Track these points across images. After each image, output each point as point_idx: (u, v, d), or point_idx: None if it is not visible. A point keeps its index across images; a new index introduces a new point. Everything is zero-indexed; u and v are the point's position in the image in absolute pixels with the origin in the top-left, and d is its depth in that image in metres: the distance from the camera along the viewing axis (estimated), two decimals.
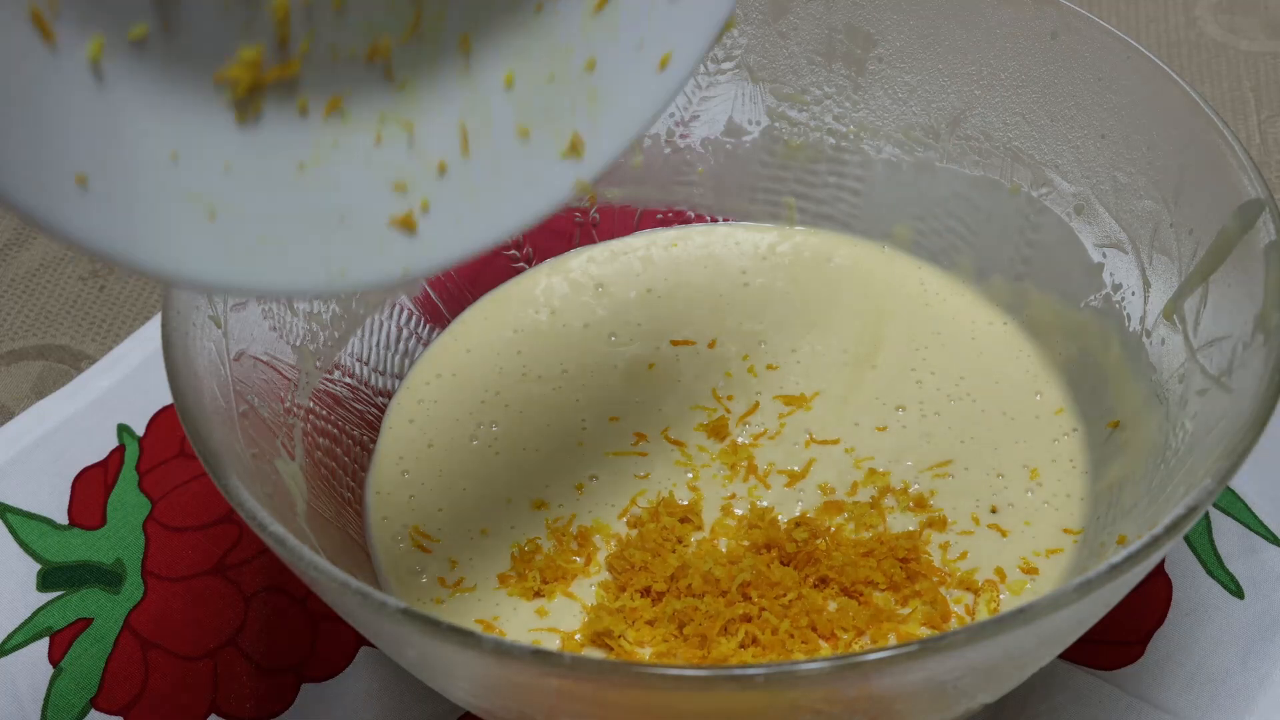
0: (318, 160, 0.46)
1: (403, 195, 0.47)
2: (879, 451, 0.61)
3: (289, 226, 0.45)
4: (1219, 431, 0.51)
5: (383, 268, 0.47)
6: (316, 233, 0.46)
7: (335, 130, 0.46)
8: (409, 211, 0.47)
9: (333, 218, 0.46)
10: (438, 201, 0.48)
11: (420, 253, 0.47)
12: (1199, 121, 0.57)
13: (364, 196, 0.46)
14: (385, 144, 0.47)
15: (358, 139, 0.46)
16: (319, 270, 0.46)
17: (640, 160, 0.70)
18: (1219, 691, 0.58)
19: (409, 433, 0.63)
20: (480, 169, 0.48)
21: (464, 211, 0.48)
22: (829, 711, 0.46)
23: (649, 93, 0.51)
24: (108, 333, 0.73)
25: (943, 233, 0.68)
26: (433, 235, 0.48)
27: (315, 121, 0.46)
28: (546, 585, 0.57)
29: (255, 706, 0.59)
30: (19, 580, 0.63)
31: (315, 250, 0.45)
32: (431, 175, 0.48)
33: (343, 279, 0.46)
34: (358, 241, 0.46)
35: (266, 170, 0.45)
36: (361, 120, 0.46)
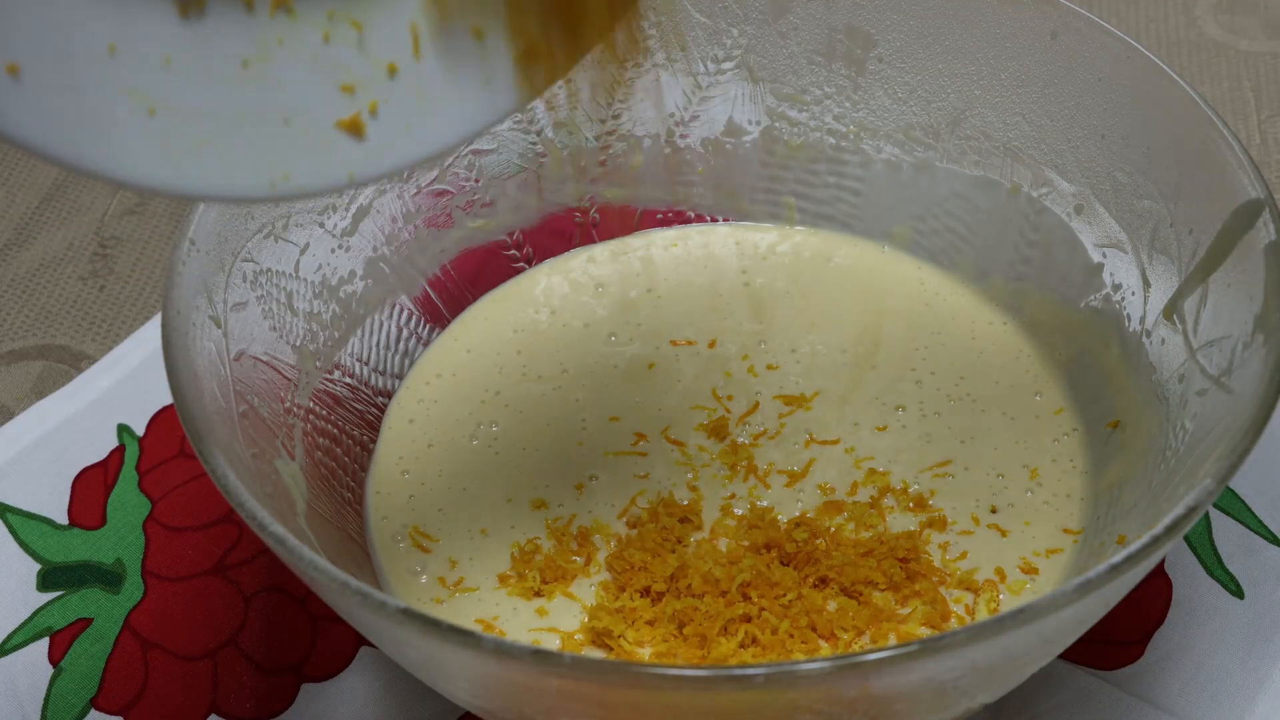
0: (263, 57, 0.44)
1: (350, 97, 0.46)
2: (879, 451, 0.61)
3: (230, 127, 0.44)
4: (1219, 431, 0.51)
5: (328, 173, 0.46)
6: (259, 134, 0.44)
7: (281, 27, 0.45)
8: (356, 114, 0.46)
9: (277, 119, 0.45)
10: (386, 105, 0.46)
11: (367, 158, 0.46)
12: (1199, 121, 0.57)
13: (310, 97, 0.45)
14: (333, 43, 0.45)
15: (305, 36, 0.45)
16: (261, 174, 0.44)
17: (640, 160, 0.70)
18: (1219, 691, 0.58)
19: (409, 433, 0.63)
20: (431, 72, 0.47)
21: (413, 116, 0.47)
22: (829, 711, 0.46)
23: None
24: (108, 333, 0.73)
25: (943, 233, 0.68)
26: (381, 140, 0.46)
27: (261, 17, 0.44)
28: (546, 585, 0.57)
29: (255, 706, 0.59)
30: (19, 580, 0.63)
31: (258, 153, 0.44)
32: (381, 77, 0.46)
33: (285, 183, 0.45)
34: (302, 144, 0.45)
35: (209, 66, 0.43)
36: (309, 17, 0.45)
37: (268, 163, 0.45)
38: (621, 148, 0.69)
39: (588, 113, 0.68)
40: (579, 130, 0.69)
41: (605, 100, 0.68)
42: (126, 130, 0.42)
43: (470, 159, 0.67)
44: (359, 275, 0.64)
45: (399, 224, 0.65)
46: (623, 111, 0.69)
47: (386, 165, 0.47)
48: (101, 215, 0.79)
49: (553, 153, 0.69)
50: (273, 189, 0.45)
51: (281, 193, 0.45)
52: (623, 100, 0.68)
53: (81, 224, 0.78)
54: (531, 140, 0.68)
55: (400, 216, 0.65)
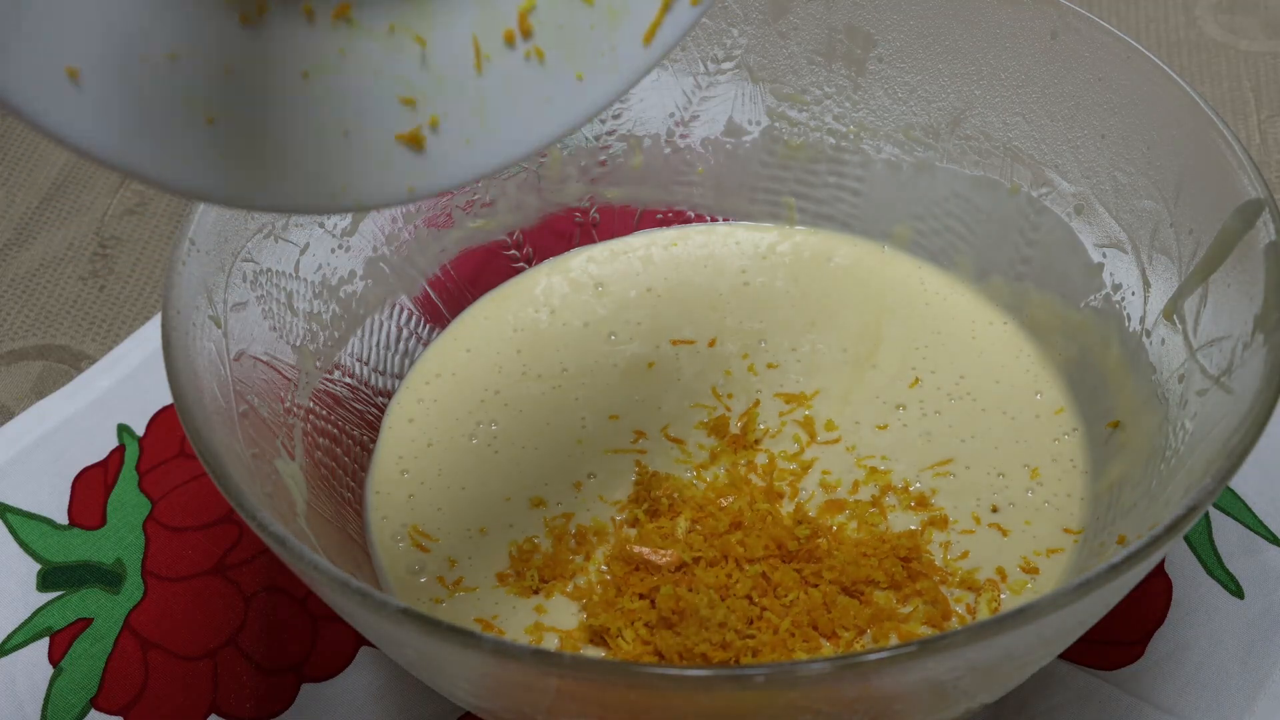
0: (324, 69, 0.44)
1: (411, 111, 0.45)
2: (880, 450, 0.61)
3: (289, 137, 0.43)
4: (1219, 431, 0.51)
5: (387, 186, 0.45)
6: (319, 146, 0.44)
7: (343, 38, 0.44)
8: (417, 128, 0.45)
9: (336, 130, 0.44)
10: (447, 119, 0.46)
11: (427, 171, 0.46)
12: (1199, 121, 0.57)
13: (370, 110, 0.45)
14: (395, 56, 0.45)
15: (366, 48, 0.45)
16: (319, 185, 0.44)
17: (640, 160, 0.70)
18: (1219, 691, 0.58)
19: (409, 432, 0.63)
20: (492, 87, 0.47)
21: (474, 131, 0.46)
22: (829, 711, 0.46)
23: (672, 19, 0.49)
24: (108, 333, 0.73)
25: (943, 233, 0.68)
26: (441, 154, 0.46)
27: (322, 27, 0.44)
28: (545, 584, 0.57)
29: (255, 706, 0.59)
30: (19, 580, 0.63)
31: (316, 165, 0.44)
32: (442, 91, 0.46)
33: (344, 195, 0.44)
34: (362, 157, 0.45)
35: (269, 76, 0.43)
36: (371, 29, 0.45)
37: (326, 175, 0.44)
38: (621, 148, 0.69)
39: None
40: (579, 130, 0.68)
41: None
42: (184, 139, 0.41)
43: None
44: (359, 275, 0.64)
45: (399, 224, 0.65)
46: (623, 111, 0.69)
47: (446, 180, 0.46)
48: (101, 215, 0.79)
49: (552, 153, 0.69)
50: (332, 201, 0.44)
51: (340, 205, 0.45)
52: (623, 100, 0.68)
53: (81, 224, 0.78)
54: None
55: (400, 216, 0.65)
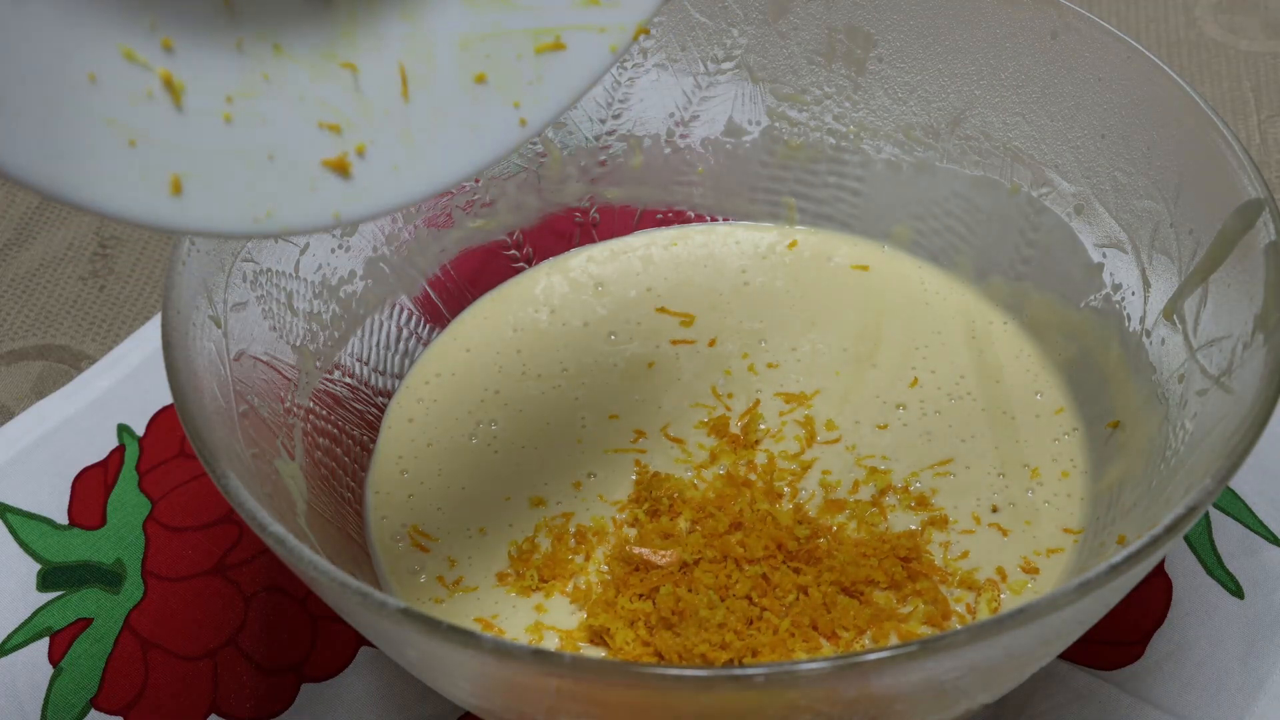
0: (247, 93, 0.44)
1: (337, 137, 0.45)
2: (880, 450, 0.61)
3: (213, 161, 0.43)
4: (1219, 431, 0.51)
5: (312, 211, 0.45)
6: (242, 170, 0.44)
7: (268, 64, 0.44)
8: (343, 154, 0.45)
9: (261, 155, 0.44)
10: (374, 146, 0.46)
11: (354, 198, 0.46)
12: (1199, 121, 0.57)
13: (295, 135, 0.45)
14: (321, 83, 0.45)
15: (292, 74, 0.45)
16: (244, 209, 0.44)
17: (640, 160, 0.70)
18: (1219, 691, 0.58)
19: (409, 432, 0.63)
20: (420, 115, 0.47)
21: (401, 158, 0.46)
22: (829, 712, 0.46)
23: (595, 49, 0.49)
24: (108, 333, 0.73)
25: (943, 233, 0.68)
26: (368, 181, 0.46)
27: (249, 54, 0.44)
28: (545, 583, 0.57)
29: (255, 706, 0.59)
30: (19, 580, 0.63)
31: (240, 188, 0.44)
32: (369, 118, 0.46)
33: (269, 220, 0.44)
34: (286, 182, 0.45)
35: (191, 100, 0.43)
36: (299, 56, 0.45)
37: (251, 198, 0.44)
38: (621, 148, 0.69)
39: (588, 113, 0.68)
40: (579, 130, 0.69)
41: None
42: (106, 160, 0.41)
43: None
44: (359, 275, 0.64)
45: (399, 224, 0.65)
46: (623, 111, 0.69)
47: (372, 207, 0.46)
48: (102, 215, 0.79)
49: (553, 153, 0.69)
50: (256, 225, 0.44)
51: (265, 229, 0.44)
52: (623, 100, 0.68)
53: (81, 224, 0.78)
54: (532, 140, 0.68)
55: (400, 216, 0.65)
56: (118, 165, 0.41)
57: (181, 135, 0.43)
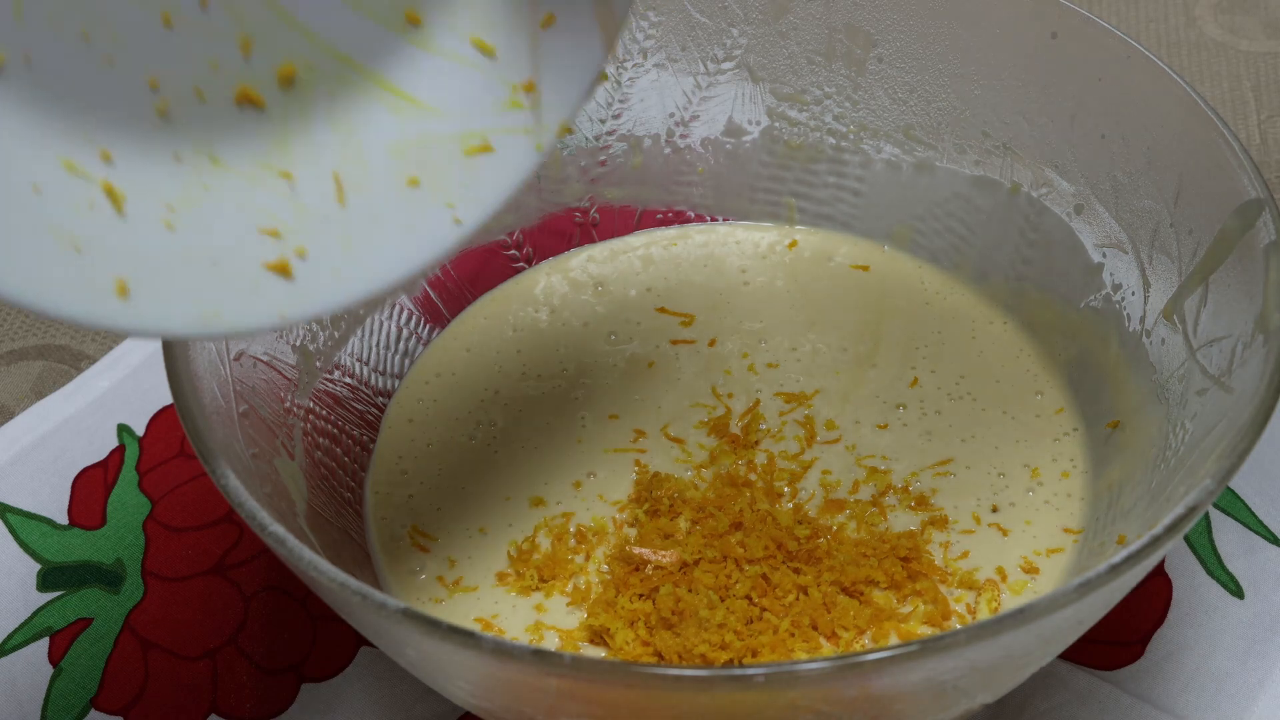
0: (188, 202, 0.45)
1: (277, 241, 0.47)
2: (880, 450, 0.61)
3: (157, 266, 0.44)
4: (1219, 431, 0.51)
5: (258, 312, 0.46)
6: (187, 274, 0.45)
7: (206, 175, 0.46)
8: (283, 258, 0.47)
9: (204, 259, 0.45)
10: (314, 249, 0.47)
11: (297, 299, 0.47)
12: (1199, 121, 0.57)
13: (236, 240, 0.46)
14: (258, 190, 0.47)
15: (230, 183, 0.46)
16: (191, 311, 0.45)
17: (640, 160, 0.70)
18: (1219, 691, 0.58)
19: (409, 432, 0.63)
20: (356, 219, 0.48)
21: (340, 261, 0.48)
22: (829, 711, 0.46)
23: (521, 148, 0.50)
24: (108, 333, 0.73)
25: (943, 233, 0.68)
26: (310, 282, 0.47)
27: (188, 166, 0.45)
28: (545, 583, 0.57)
29: (255, 706, 0.59)
30: (19, 580, 0.63)
31: (186, 291, 0.45)
32: (306, 223, 0.47)
33: (217, 321, 0.45)
34: (231, 285, 0.46)
35: (133, 207, 0.44)
36: (236, 167, 0.46)
37: (197, 300, 0.45)
38: (621, 148, 0.69)
39: (588, 113, 0.68)
40: (579, 130, 0.69)
41: None
42: (51, 265, 0.42)
43: None
44: None
45: None
46: (623, 111, 0.69)
47: (316, 307, 0.47)
48: None
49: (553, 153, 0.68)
50: (204, 326, 0.45)
51: (212, 330, 0.45)
52: (623, 100, 0.68)
53: None
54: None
55: None
56: (63, 271, 0.42)
57: (125, 241, 0.44)
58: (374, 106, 0.49)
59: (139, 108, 0.45)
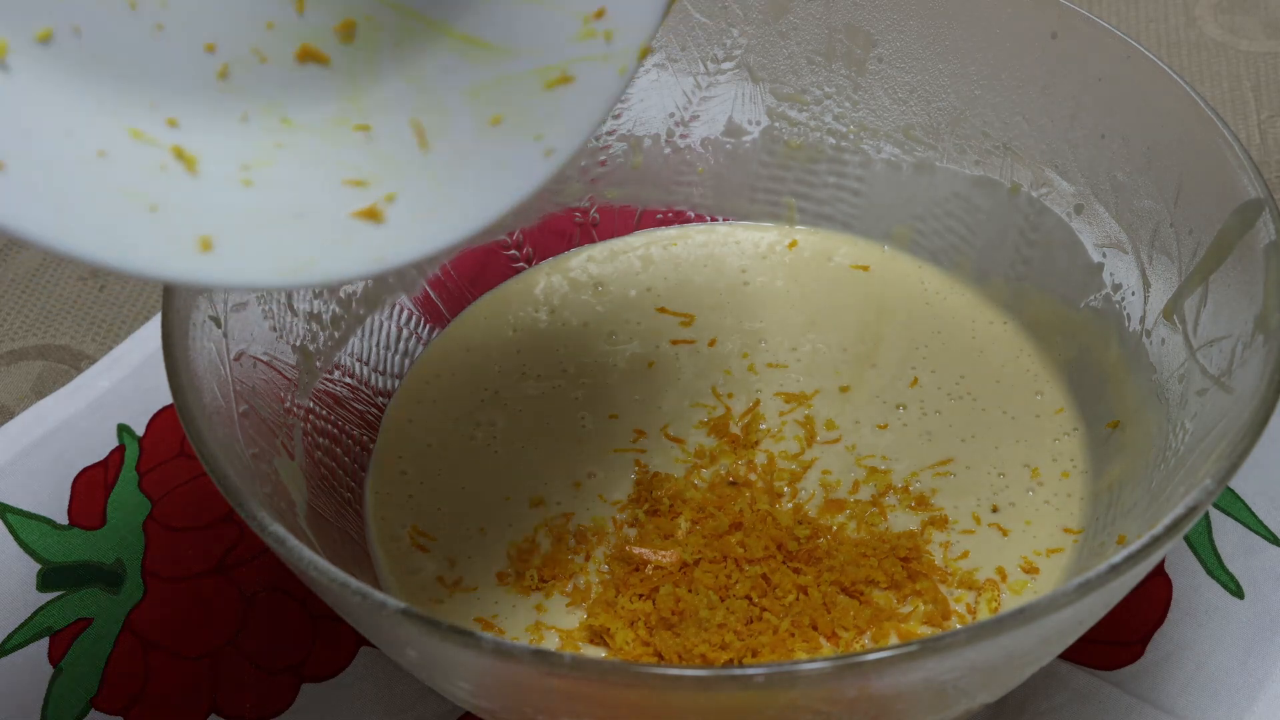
0: (263, 161, 0.44)
1: (363, 190, 0.46)
2: (880, 450, 0.61)
3: (240, 220, 0.44)
4: (1219, 431, 0.51)
5: (353, 258, 0.45)
6: (272, 226, 0.44)
7: (279, 134, 0.45)
8: (373, 204, 0.46)
9: (288, 213, 0.44)
10: (404, 194, 0.46)
11: (394, 242, 0.46)
12: (1199, 121, 0.57)
13: (319, 193, 0.45)
14: (336, 145, 0.46)
15: (305, 141, 0.45)
16: (281, 261, 0.44)
17: (640, 160, 0.70)
18: (1219, 691, 0.58)
19: (409, 432, 0.63)
20: (443, 162, 0.47)
21: (435, 202, 0.47)
22: (829, 711, 0.46)
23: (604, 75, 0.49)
24: (108, 333, 0.73)
25: (943, 233, 0.68)
26: (405, 225, 0.46)
27: (257, 127, 0.45)
28: (545, 583, 0.57)
29: (255, 706, 0.59)
30: (19, 580, 0.63)
31: (274, 243, 0.44)
32: (391, 171, 0.46)
33: (311, 269, 0.44)
34: (321, 234, 0.45)
35: (207, 168, 0.43)
36: (307, 125, 0.46)
37: (287, 252, 0.44)
38: (621, 148, 0.69)
39: None
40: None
41: None
42: (129, 226, 0.41)
43: None
44: None
45: None
46: (623, 111, 0.69)
47: (415, 249, 0.46)
48: None
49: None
50: (297, 275, 0.44)
51: (307, 279, 0.44)
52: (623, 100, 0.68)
53: None
54: None
55: None
56: (142, 229, 0.42)
57: (203, 200, 0.43)
58: (443, 53, 0.48)
59: (198, 72, 0.44)
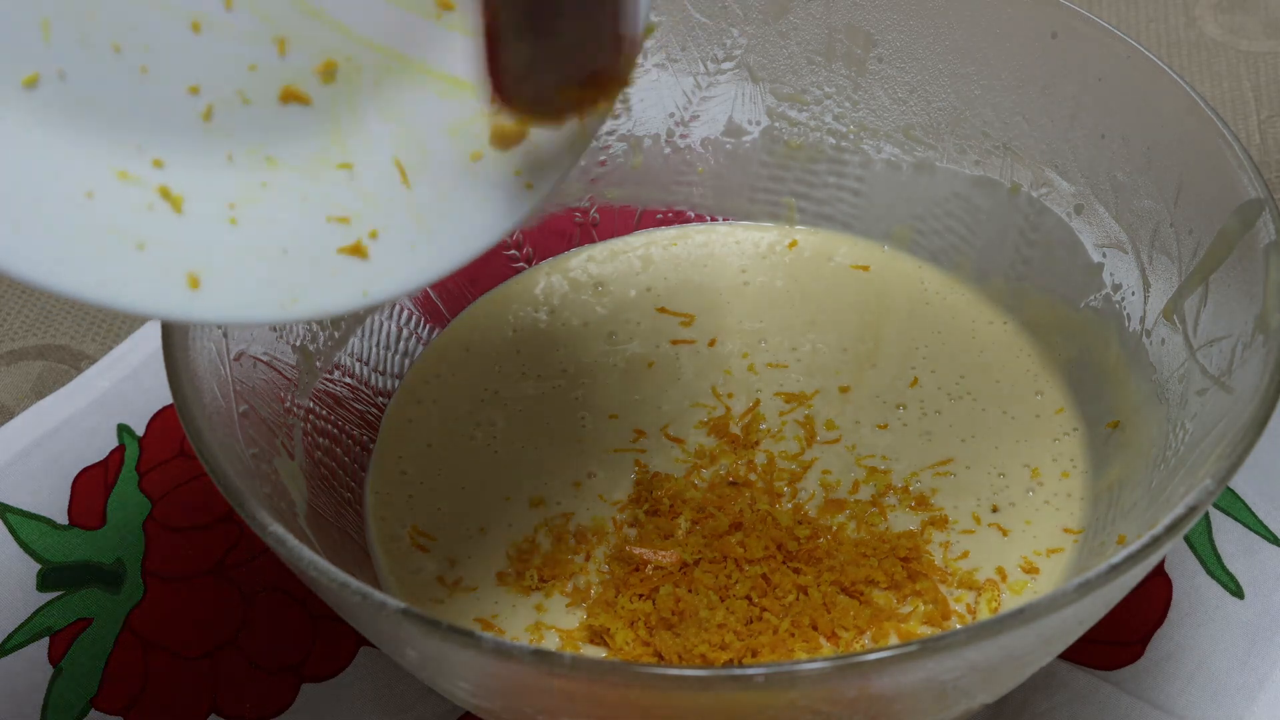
0: (248, 200, 0.45)
1: (347, 227, 0.46)
2: (880, 450, 0.61)
3: (226, 257, 0.44)
4: (1219, 431, 0.51)
5: (339, 294, 0.46)
6: (259, 263, 0.45)
7: (263, 173, 0.46)
8: (357, 240, 0.46)
9: (274, 250, 0.45)
10: (387, 230, 0.47)
11: (379, 277, 0.47)
12: (1199, 121, 0.57)
13: (304, 230, 0.46)
14: (320, 183, 0.47)
15: (289, 179, 0.46)
16: (268, 297, 0.45)
17: (640, 160, 0.70)
18: (1219, 691, 0.58)
19: (409, 433, 0.63)
20: (426, 198, 0.48)
21: (418, 237, 0.47)
22: (829, 711, 0.46)
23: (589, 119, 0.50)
24: (108, 333, 0.73)
25: (943, 233, 0.68)
26: (389, 260, 0.47)
27: (241, 166, 0.45)
28: (545, 583, 0.57)
29: (255, 706, 0.59)
30: (19, 580, 0.63)
31: (261, 279, 0.45)
32: (374, 208, 0.47)
33: (297, 306, 0.45)
34: (306, 270, 0.46)
35: (192, 206, 0.44)
36: (291, 164, 0.46)
37: (273, 288, 0.45)
38: (621, 148, 0.69)
39: None
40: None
41: None
42: (116, 264, 0.42)
43: None
44: None
45: None
46: (623, 112, 0.69)
47: (399, 284, 0.47)
48: None
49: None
50: (284, 311, 0.45)
51: (294, 314, 0.45)
52: (623, 100, 0.68)
53: None
54: None
55: None
56: (131, 267, 0.42)
57: (189, 238, 0.44)
58: (423, 92, 0.49)
59: (182, 114, 0.44)
